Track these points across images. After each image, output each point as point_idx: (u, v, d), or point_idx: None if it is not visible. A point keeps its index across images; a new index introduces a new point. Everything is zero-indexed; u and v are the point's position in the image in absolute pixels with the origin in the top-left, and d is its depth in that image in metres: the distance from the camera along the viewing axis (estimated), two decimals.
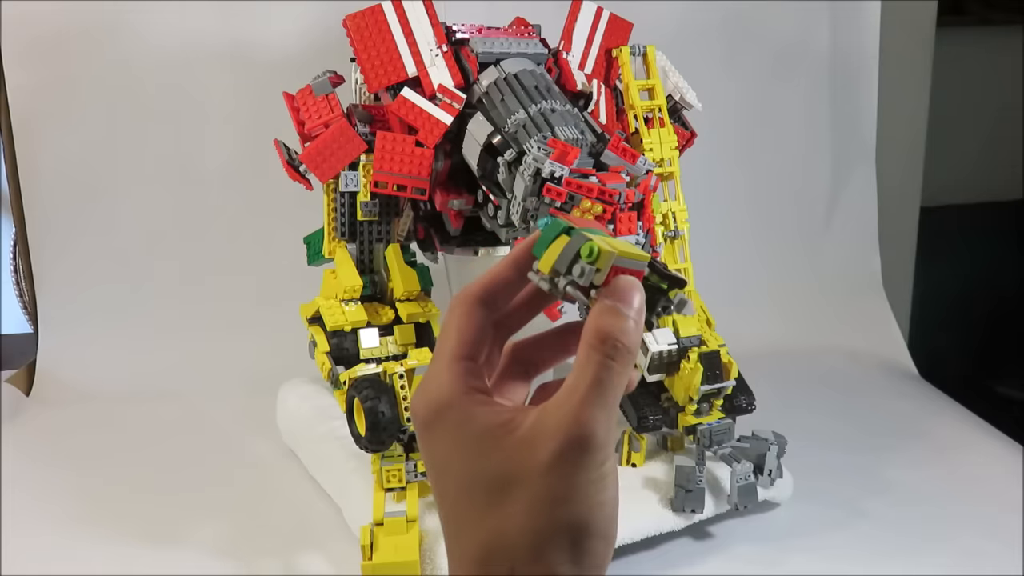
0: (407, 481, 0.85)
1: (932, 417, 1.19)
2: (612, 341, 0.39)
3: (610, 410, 0.39)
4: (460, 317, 0.43)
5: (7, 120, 1.22)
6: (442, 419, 0.41)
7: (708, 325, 0.95)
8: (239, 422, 1.13)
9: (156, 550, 0.89)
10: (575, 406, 0.39)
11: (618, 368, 0.39)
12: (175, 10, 1.22)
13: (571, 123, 0.81)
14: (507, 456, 0.40)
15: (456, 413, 0.41)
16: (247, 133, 1.26)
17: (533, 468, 0.39)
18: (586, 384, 0.39)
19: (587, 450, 0.39)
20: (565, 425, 0.39)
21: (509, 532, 0.39)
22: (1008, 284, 1.76)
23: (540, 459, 0.39)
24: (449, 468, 0.41)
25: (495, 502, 0.40)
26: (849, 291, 1.47)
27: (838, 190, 1.49)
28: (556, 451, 0.39)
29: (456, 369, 0.42)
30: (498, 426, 0.40)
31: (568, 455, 0.38)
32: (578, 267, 0.40)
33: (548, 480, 0.39)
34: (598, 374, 0.39)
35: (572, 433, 0.38)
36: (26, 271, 1.27)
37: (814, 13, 1.41)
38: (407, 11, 0.89)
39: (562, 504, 0.39)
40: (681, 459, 0.91)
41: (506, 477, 0.39)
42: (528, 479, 0.39)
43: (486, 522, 0.40)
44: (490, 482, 0.40)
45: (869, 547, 0.91)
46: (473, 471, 0.40)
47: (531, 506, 0.39)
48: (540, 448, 0.39)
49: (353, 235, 0.94)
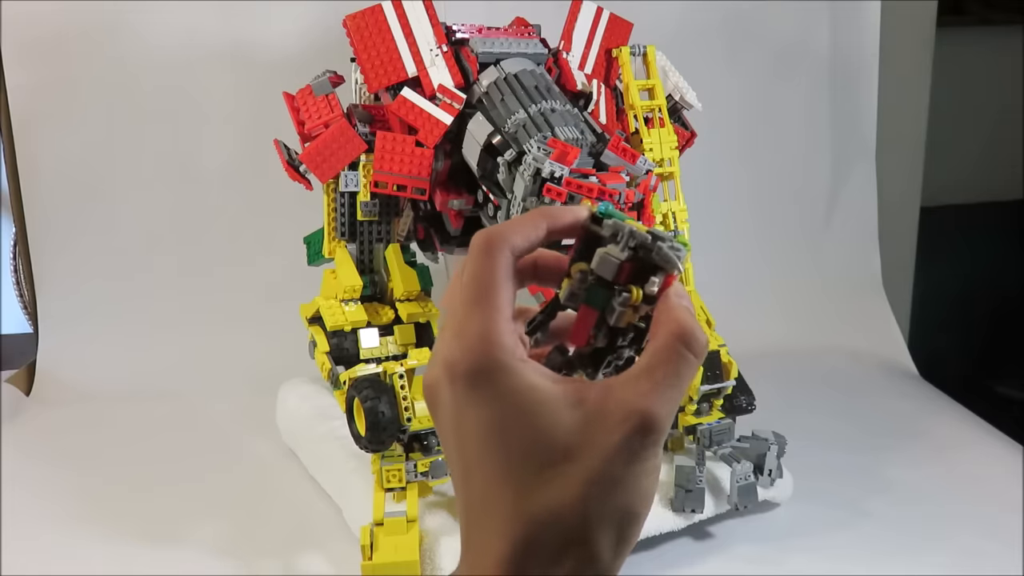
0: (407, 481, 0.85)
1: (932, 417, 1.19)
2: (694, 338, 0.39)
3: (675, 402, 0.39)
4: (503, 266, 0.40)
5: (7, 120, 1.22)
6: (491, 381, 0.38)
7: (708, 325, 0.95)
8: (239, 422, 1.13)
9: (156, 549, 0.89)
10: (650, 392, 0.38)
11: (696, 364, 0.39)
12: (175, 10, 1.22)
13: (571, 123, 0.81)
14: (569, 430, 0.38)
15: (511, 378, 0.38)
16: (247, 133, 1.26)
17: (598, 447, 0.37)
18: (665, 373, 0.38)
19: (653, 439, 0.38)
20: (639, 410, 0.37)
21: (562, 510, 0.37)
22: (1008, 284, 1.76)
23: (609, 439, 0.37)
24: (490, 436, 0.38)
25: (548, 477, 0.37)
26: (849, 291, 1.47)
27: (838, 189, 1.49)
28: (627, 434, 0.37)
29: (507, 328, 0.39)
30: (562, 398, 0.38)
31: (635, 439, 0.37)
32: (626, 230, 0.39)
33: (612, 462, 0.37)
34: (678, 365, 0.38)
35: (646, 419, 0.37)
36: (26, 271, 1.27)
37: (814, 13, 1.41)
38: (407, 11, 0.89)
39: (618, 487, 0.38)
40: (681, 459, 0.91)
41: (565, 452, 0.37)
42: (589, 457, 0.37)
43: (535, 497, 0.37)
44: (546, 455, 0.37)
45: (869, 547, 0.91)
46: (526, 442, 0.38)
47: (588, 486, 0.37)
48: (609, 428, 0.37)
49: (353, 235, 0.94)
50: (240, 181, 1.28)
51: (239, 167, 1.28)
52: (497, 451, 0.38)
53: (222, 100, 1.26)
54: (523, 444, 0.38)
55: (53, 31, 1.20)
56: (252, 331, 1.26)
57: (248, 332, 1.26)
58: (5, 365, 1.29)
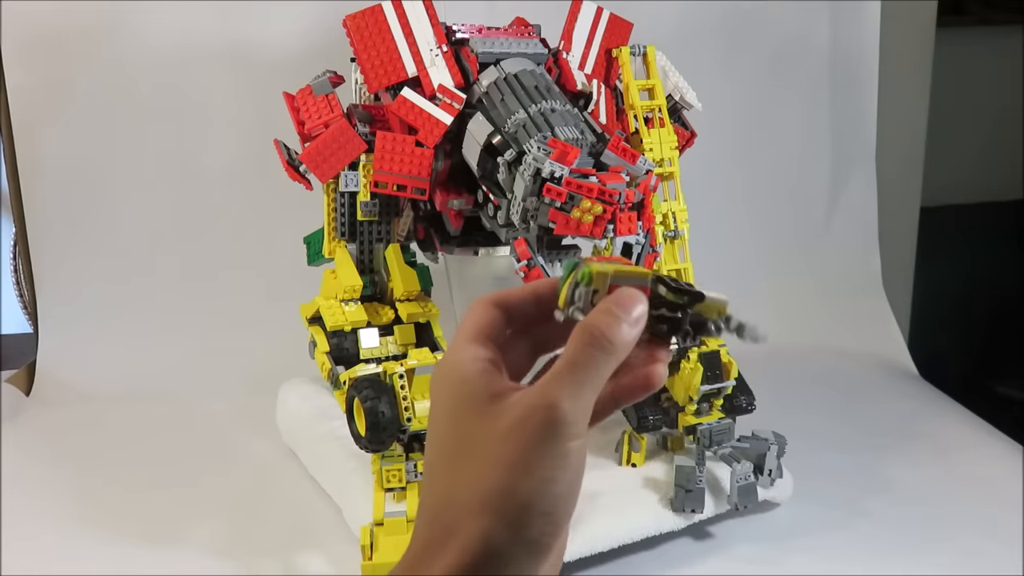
0: (407, 481, 0.85)
1: (932, 417, 1.19)
2: (596, 331, 0.41)
3: (582, 391, 0.41)
4: (474, 310, 0.46)
5: (7, 120, 1.22)
6: (444, 379, 0.44)
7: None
8: (239, 422, 1.13)
9: (156, 550, 0.89)
10: (547, 380, 0.41)
11: (597, 355, 0.41)
12: (175, 10, 1.22)
13: (571, 123, 0.81)
14: (478, 422, 0.41)
15: (455, 375, 0.43)
16: (247, 133, 1.26)
17: (495, 433, 0.41)
18: (563, 362, 0.41)
19: (549, 422, 0.40)
20: (533, 396, 0.41)
21: (459, 491, 0.41)
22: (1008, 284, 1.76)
23: (503, 424, 0.40)
24: (437, 424, 0.44)
25: (458, 463, 0.42)
26: (849, 291, 1.47)
27: (838, 190, 1.49)
28: (518, 417, 0.40)
29: (464, 342, 0.44)
30: (487, 395, 0.42)
31: (528, 423, 0.40)
32: (577, 291, 0.42)
33: (504, 445, 0.40)
34: (575, 356, 0.41)
35: (536, 403, 0.40)
36: (26, 271, 1.27)
37: (814, 13, 1.41)
38: (407, 11, 0.89)
39: (510, 471, 0.40)
40: (681, 459, 0.91)
41: (472, 440, 0.41)
42: (487, 443, 0.41)
43: (445, 479, 0.42)
44: (459, 443, 0.42)
45: (869, 547, 0.91)
46: (450, 430, 0.43)
47: (483, 468, 0.41)
48: (506, 416, 0.41)
49: (353, 235, 0.94)
50: (240, 181, 1.28)
51: (239, 167, 1.28)
52: (437, 439, 0.43)
53: (222, 100, 1.26)
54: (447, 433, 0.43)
55: (53, 31, 1.20)
56: (252, 331, 1.26)
57: (248, 332, 1.26)
58: (5, 365, 1.29)
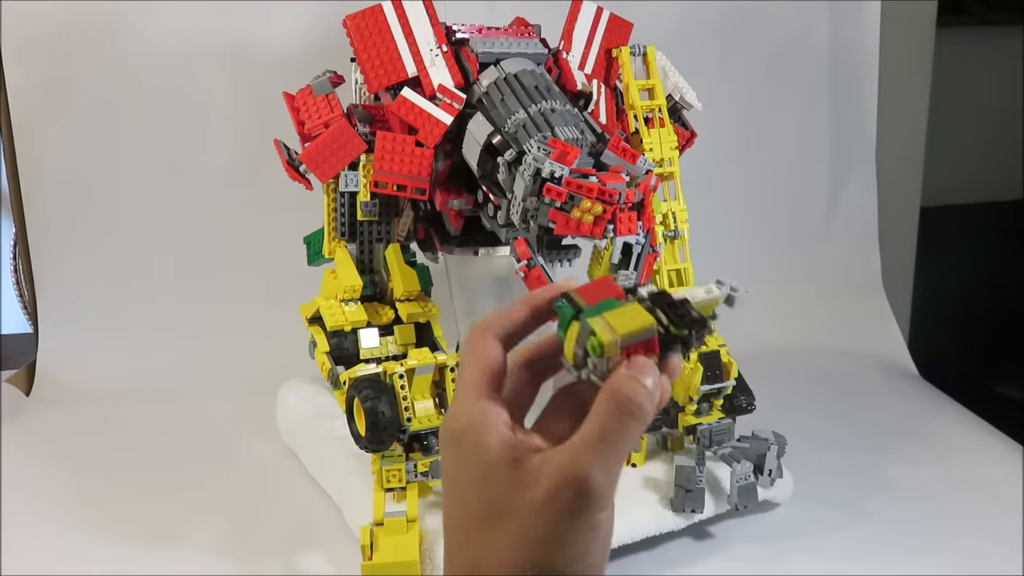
0: (407, 481, 0.85)
1: (932, 417, 1.19)
2: (627, 399, 0.40)
3: (613, 462, 0.40)
4: (476, 346, 0.45)
5: (7, 120, 1.22)
6: (458, 443, 0.43)
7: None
8: (239, 422, 1.13)
9: (156, 550, 0.89)
10: (577, 450, 0.40)
11: (627, 422, 0.40)
12: (175, 10, 1.22)
13: (571, 123, 0.81)
14: (505, 490, 0.41)
15: (470, 440, 0.42)
16: (247, 133, 1.26)
17: (525, 505, 0.40)
18: (593, 432, 0.40)
19: (581, 495, 0.39)
20: (564, 467, 0.40)
21: (490, 559, 0.41)
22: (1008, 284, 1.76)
23: (533, 497, 0.40)
24: (456, 489, 0.43)
25: (486, 533, 0.41)
26: (849, 291, 1.47)
27: (838, 190, 1.49)
28: (550, 491, 0.40)
29: (474, 397, 0.43)
30: (506, 461, 0.41)
31: (561, 497, 0.39)
32: (591, 362, 0.42)
33: (536, 519, 0.40)
34: (607, 424, 0.40)
35: (568, 475, 0.39)
36: (26, 271, 1.27)
37: (814, 13, 1.41)
38: (407, 11, 0.89)
39: (543, 546, 0.40)
40: (681, 459, 0.91)
41: (500, 510, 0.41)
42: (518, 515, 0.40)
43: (474, 549, 0.42)
44: (486, 512, 0.41)
45: (869, 547, 0.91)
46: (474, 498, 0.42)
47: (514, 542, 0.40)
48: (536, 487, 0.40)
49: (353, 235, 0.94)
50: (240, 181, 1.28)
51: (239, 167, 1.28)
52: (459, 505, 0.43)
53: (222, 100, 1.26)
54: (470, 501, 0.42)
55: (53, 31, 1.20)
56: (252, 331, 1.26)
57: (248, 332, 1.26)
58: (5, 365, 1.29)
